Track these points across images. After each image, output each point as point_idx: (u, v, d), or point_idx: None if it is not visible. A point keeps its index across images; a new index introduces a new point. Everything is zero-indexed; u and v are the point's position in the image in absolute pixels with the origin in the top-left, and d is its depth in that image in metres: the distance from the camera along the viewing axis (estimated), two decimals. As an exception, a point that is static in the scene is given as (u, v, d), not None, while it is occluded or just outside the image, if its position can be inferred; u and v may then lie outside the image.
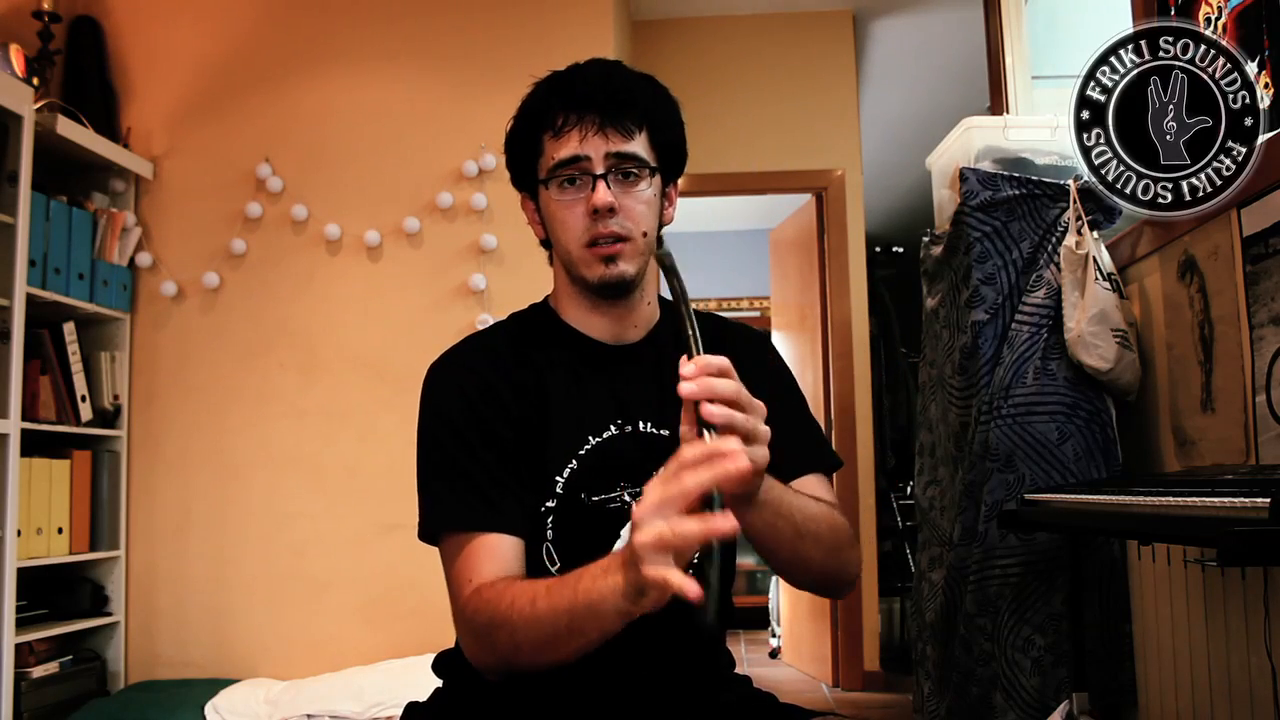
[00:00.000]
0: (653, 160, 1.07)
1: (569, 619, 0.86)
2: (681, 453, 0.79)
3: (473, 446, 1.03)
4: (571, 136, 1.03)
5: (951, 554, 2.17)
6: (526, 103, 1.09)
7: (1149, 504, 1.34)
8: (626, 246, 1.04)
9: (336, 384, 2.94)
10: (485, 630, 0.94)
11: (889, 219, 5.91)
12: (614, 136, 1.03)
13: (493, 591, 0.95)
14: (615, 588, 0.82)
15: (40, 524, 2.54)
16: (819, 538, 0.99)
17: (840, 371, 3.85)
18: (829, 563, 1.02)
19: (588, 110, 1.03)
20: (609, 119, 1.03)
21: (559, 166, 1.04)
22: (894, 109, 4.63)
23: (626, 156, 1.04)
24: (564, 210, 1.05)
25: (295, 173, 3.00)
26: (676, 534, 0.76)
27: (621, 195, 1.03)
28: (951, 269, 2.29)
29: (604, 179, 1.03)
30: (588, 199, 1.03)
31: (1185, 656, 1.76)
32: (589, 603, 0.85)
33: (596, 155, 1.03)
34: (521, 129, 1.09)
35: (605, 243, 1.03)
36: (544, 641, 0.89)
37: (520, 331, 1.14)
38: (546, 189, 1.06)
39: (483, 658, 0.97)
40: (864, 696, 3.63)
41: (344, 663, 2.75)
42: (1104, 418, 2.03)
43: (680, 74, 3.84)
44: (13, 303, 2.35)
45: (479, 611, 0.95)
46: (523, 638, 0.90)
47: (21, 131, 2.40)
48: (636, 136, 1.05)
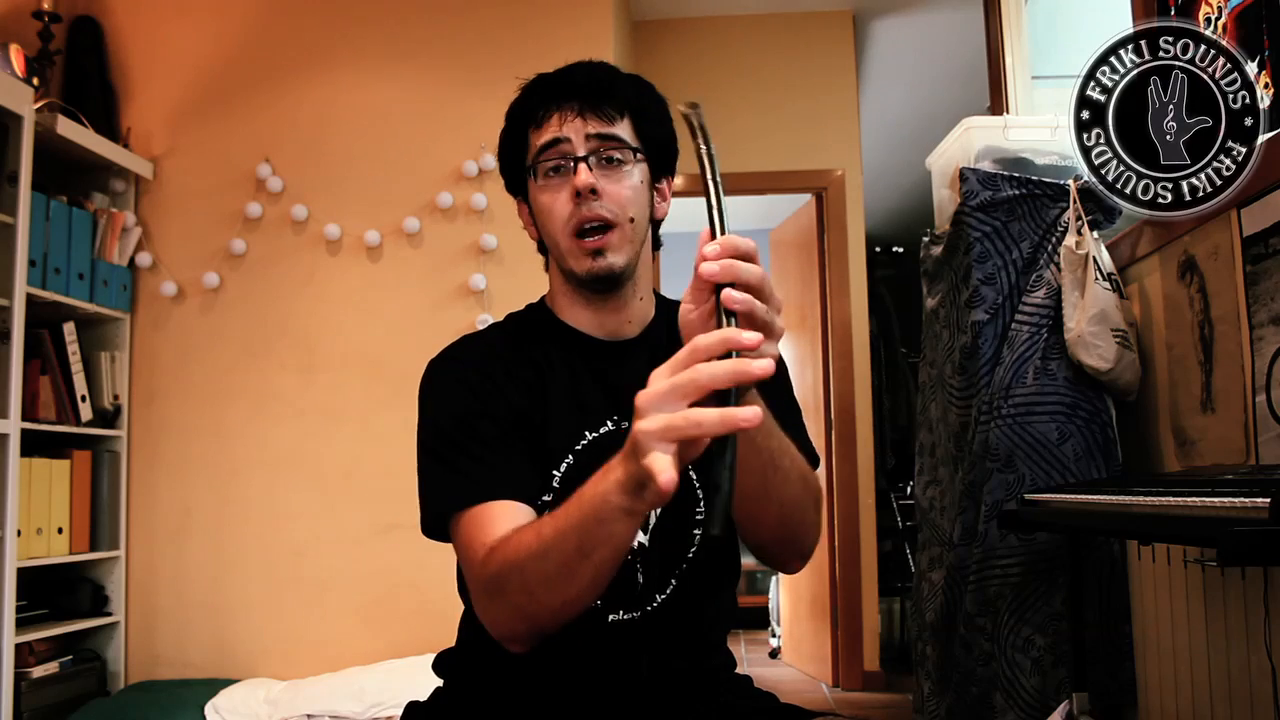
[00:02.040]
0: (639, 147, 1.06)
1: (577, 537, 0.82)
2: (696, 339, 0.73)
3: (474, 428, 1.01)
4: (552, 122, 1.03)
5: (951, 554, 2.17)
6: (512, 105, 1.10)
7: (1149, 504, 1.34)
8: (614, 235, 1.03)
9: (336, 384, 2.94)
10: (497, 584, 0.90)
11: (889, 219, 5.92)
12: (593, 120, 1.03)
13: (503, 543, 0.91)
14: (616, 482, 0.77)
15: (40, 524, 2.54)
16: (789, 479, 0.94)
17: (840, 371, 3.85)
18: (790, 515, 0.97)
19: (567, 97, 1.03)
20: (589, 104, 1.03)
21: (540, 152, 1.04)
22: (894, 109, 4.63)
23: (608, 138, 1.03)
24: (548, 197, 1.04)
25: (295, 173, 3.00)
26: (689, 421, 0.70)
27: (605, 180, 1.03)
28: (951, 269, 2.29)
29: (585, 161, 1.02)
30: (570, 182, 1.02)
31: (1185, 656, 1.76)
32: (594, 509, 0.79)
33: (577, 137, 1.03)
34: (508, 130, 1.10)
35: (593, 229, 1.02)
36: (556, 574, 0.84)
37: (517, 330, 1.14)
38: (534, 180, 1.06)
39: (500, 620, 0.92)
40: (864, 696, 3.63)
41: (344, 663, 2.75)
42: (1104, 418, 2.03)
43: (680, 74, 3.84)
44: (13, 303, 2.35)
45: (486, 566, 0.91)
46: (533, 577, 0.86)
47: (21, 131, 2.40)
48: (618, 122, 1.05)
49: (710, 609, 1.08)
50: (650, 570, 1.04)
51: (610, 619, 1.03)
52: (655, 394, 0.72)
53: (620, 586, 1.04)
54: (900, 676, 3.74)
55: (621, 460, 0.77)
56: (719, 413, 0.69)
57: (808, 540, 1.02)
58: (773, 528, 0.98)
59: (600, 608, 1.03)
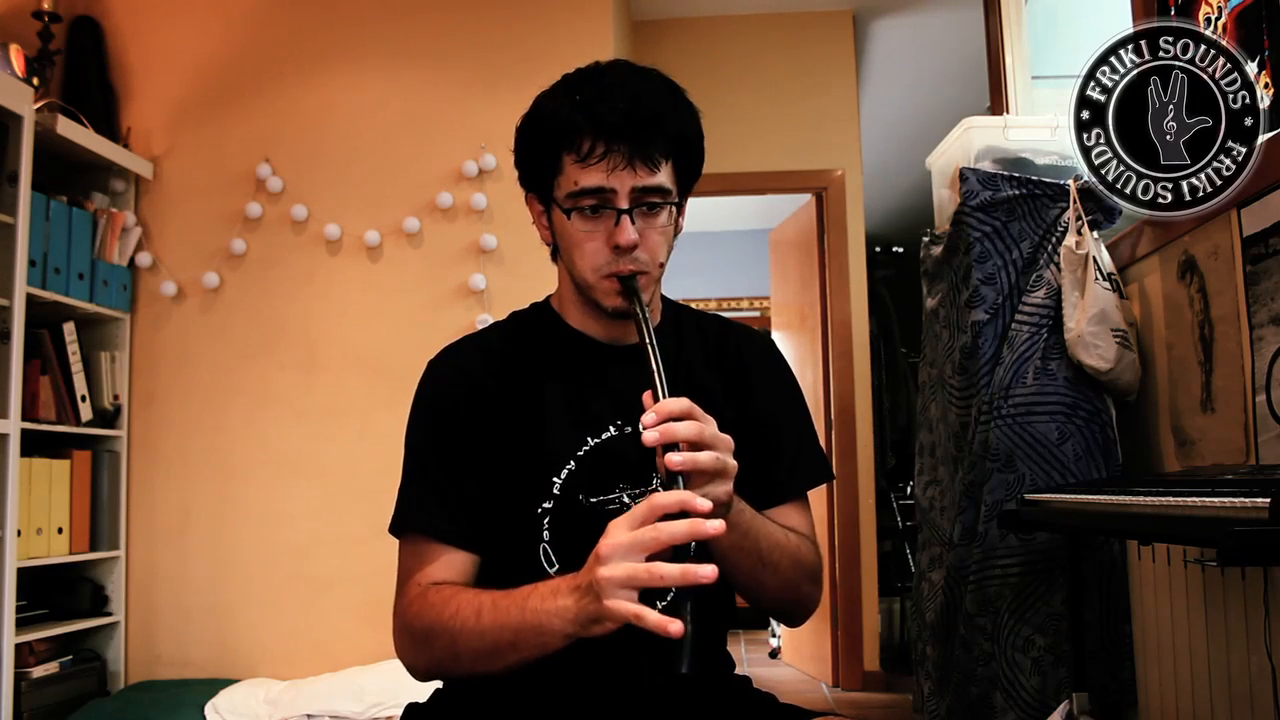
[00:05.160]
0: (675, 190, 1.05)
1: (514, 635, 0.90)
2: (654, 498, 0.82)
3: (448, 459, 1.05)
4: (598, 168, 0.99)
5: (951, 554, 2.17)
6: (547, 110, 1.04)
7: (1149, 504, 1.34)
8: (643, 279, 1.03)
9: (336, 384, 2.94)
10: (424, 635, 0.98)
11: (889, 219, 5.91)
12: (641, 170, 1.00)
13: (438, 596, 0.98)
14: (565, 612, 0.86)
15: (40, 524, 2.54)
16: (778, 569, 1.03)
17: (840, 371, 3.85)
18: (785, 594, 1.06)
19: (616, 140, 0.98)
20: (637, 151, 0.99)
21: (582, 194, 1.00)
22: (894, 109, 4.63)
23: (652, 190, 1.01)
24: (585, 239, 1.02)
25: (295, 173, 3.00)
26: (651, 575, 0.80)
27: (643, 228, 1.02)
28: (951, 269, 2.29)
29: (629, 214, 1.00)
30: (609, 231, 1.00)
31: (1185, 656, 1.76)
32: (537, 623, 0.88)
33: (623, 189, 1.00)
34: (540, 139, 1.04)
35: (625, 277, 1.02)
36: (485, 653, 0.93)
37: (519, 331, 1.14)
38: (566, 215, 1.03)
39: (415, 658, 1.00)
40: (864, 696, 3.63)
41: (344, 663, 2.75)
42: (1104, 418, 2.03)
43: (680, 74, 3.78)
44: (13, 303, 2.35)
45: (421, 615, 0.98)
46: (463, 647, 0.94)
47: (21, 131, 2.40)
48: (663, 167, 1.02)
49: (709, 614, 1.08)
50: None
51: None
52: (617, 545, 0.81)
53: None
54: (900, 676, 3.74)
55: (575, 592, 0.85)
56: (679, 569, 0.79)
57: (804, 609, 1.11)
58: (769, 602, 1.07)
59: None
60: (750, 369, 1.16)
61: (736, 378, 1.15)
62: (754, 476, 1.11)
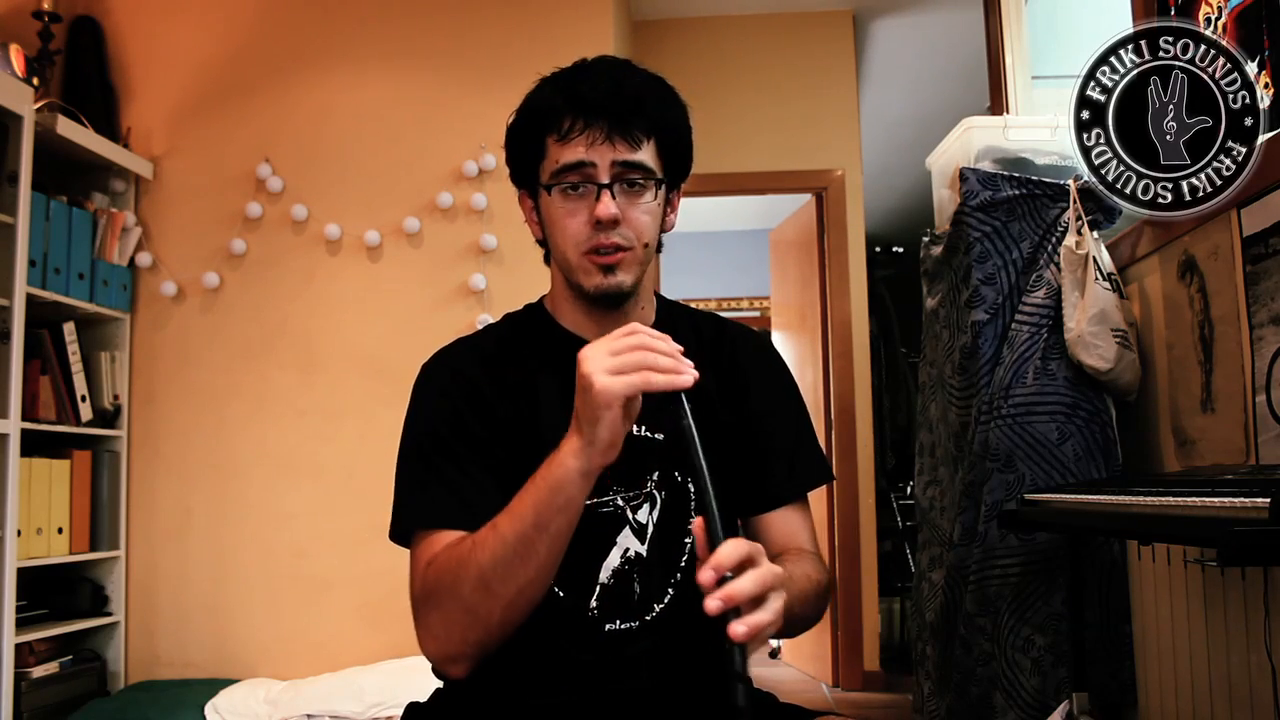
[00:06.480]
0: (659, 170, 1.05)
1: (534, 515, 0.89)
2: None
3: (451, 451, 1.03)
4: (578, 143, 1.00)
5: (951, 554, 2.17)
6: (532, 100, 1.06)
7: (1149, 504, 1.34)
8: (626, 256, 1.03)
9: (336, 384, 2.94)
10: (450, 584, 0.93)
11: (889, 219, 5.92)
12: (621, 145, 1.01)
13: (450, 550, 0.95)
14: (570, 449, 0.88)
15: (40, 524, 2.54)
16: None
17: (840, 371, 3.85)
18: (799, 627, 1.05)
19: (596, 116, 1.00)
20: (617, 127, 1.00)
21: (563, 171, 1.02)
22: (894, 109, 4.63)
23: (633, 166, 1.01)
24: (566, 217, 1.03)
25: (295, 173, 3.00)
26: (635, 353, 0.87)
27: (625, 206, 1.02)
28: (951, 269, 2.29)
29: (609, 189, 1.01)
30: (591, 208, 1.01)
31: (1185, 656, 1.76)
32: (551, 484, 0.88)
33: (602, 163, 1.01)
34: (525, 127, 1.06)
35: (606, 251, 1.02)
36: (514, 557, 0.89)
37: (513, 333, 1.14)
38: (548, 193, 1.04)
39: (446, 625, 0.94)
40: (864, 696, 3.63)
41: (344, 663, 2.75)
42: (1104, 418, 2.03)
43: (680, 74, 3.80)
44: (13, 303, 2.35)
45: (440, 573, 0.94)
46: (490, 568, 0.90)
47: (21, 131, 2.40)
48: (644, 145, 1.02)
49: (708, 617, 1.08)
50: (648, 580, 1.04)
51: (608, 628, 1.03)
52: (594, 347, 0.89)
53: (618, 596, 1.04)
54: (900, 676, 3.74)
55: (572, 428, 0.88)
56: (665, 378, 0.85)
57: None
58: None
59: (598, 617, 1.03)
60: (747, 369, 1.15)
61: (732, 378, 1.14)
62: (751, 479, 1.11)
